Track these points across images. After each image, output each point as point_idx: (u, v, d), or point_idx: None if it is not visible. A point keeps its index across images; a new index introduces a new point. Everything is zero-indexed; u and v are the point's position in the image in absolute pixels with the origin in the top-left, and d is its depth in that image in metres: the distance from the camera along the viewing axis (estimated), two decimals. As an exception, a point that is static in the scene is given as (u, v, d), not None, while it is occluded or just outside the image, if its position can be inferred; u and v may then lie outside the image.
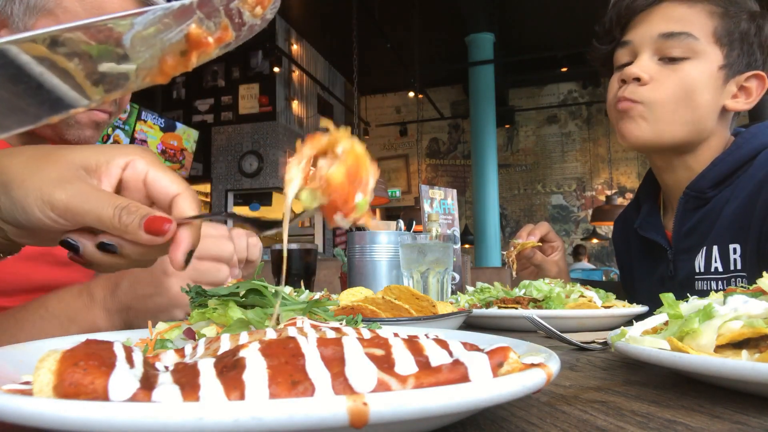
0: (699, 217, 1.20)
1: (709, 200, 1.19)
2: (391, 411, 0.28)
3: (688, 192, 1.21)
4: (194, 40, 0.46)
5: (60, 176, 0.52)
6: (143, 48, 0.44)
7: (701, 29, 1.17)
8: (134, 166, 0.56)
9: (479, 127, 9.39)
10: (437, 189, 1.81)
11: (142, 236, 0.51)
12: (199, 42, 0.46)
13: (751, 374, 0.42)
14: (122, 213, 0.51)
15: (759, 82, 1.19)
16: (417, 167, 11.38)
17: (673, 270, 1.26)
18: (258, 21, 0.48)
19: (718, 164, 1.18)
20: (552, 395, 0.49)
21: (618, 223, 1.58)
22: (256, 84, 9.00)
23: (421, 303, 0.94)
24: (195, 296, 0.59)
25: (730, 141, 1.23)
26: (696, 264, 1.19)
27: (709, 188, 1.19)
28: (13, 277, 1.10)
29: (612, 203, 8.46)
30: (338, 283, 2.72)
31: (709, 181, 1.19)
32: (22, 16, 1.04)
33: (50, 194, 0.50)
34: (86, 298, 0.85)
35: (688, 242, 1.22)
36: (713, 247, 1.15)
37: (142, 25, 0.43)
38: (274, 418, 0.27)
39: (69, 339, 0.56)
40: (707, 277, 1.17)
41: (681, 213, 1.24)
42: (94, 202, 0.51)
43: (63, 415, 0.27)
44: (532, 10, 8.99)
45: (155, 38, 0.44)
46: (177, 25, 0.44)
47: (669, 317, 0.56)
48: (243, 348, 0.34)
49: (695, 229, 1.21)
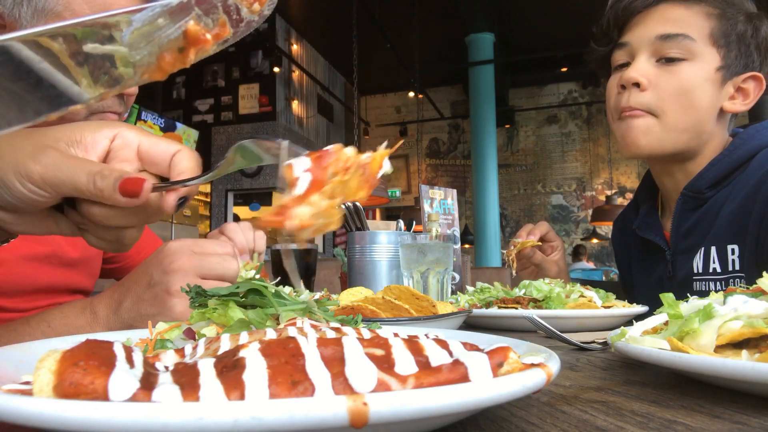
0: (697, 218, 1.20)
1: (707, 200, 1.19)
2: (391, 411, 0.28)
3: (686, 192, 1.21)
4: (192, 36, 0.46)
5: (35, 148, 0.52)
6: (141, 44, 0.44)
7: (698, 31, 1.17)
8: (123, 136, 0.56)
9: (479, 127, 9.39)
10: (437, 189, 1.81)
11: (119, 199, 0.51)
12: (197, 39, 0.46)
13: (751, 374, 0.42)
14: (96, 178, 0.51)
15: (756, 83, 1.18)
16: (417, 167, 11.38)
17: (672, 270, 1.26)
18: (255, 17, 0.48)
19: (716, 165, 1.18)
20: (552, 395, 0.49)
21: (617, 223, 1.59)
22: (256, 84, 9.01)
23: (421, 303, 0.94)
24: (195, 296, 0.59)
25: (728, 142, 1.23)
26: (694, 265, 1.19)
27: (706, 189, 1.19)
28: (18, 278, 1.10)
29: (612, 203, 8.46)
30: (338, 283, 2.72)
31: (707, 182, 1.19)
32: (30, 19, 1.04)
33: (25, 166, 0.51)
34: (89, 316, 0.84)
35: (687, 243, 1.22)
36: (711, 248, 1.15)
37: (140, 21, 0.43)
38: (274, 418, 0.27)
39: (69, 339, 0.56)
40: (705, 277, 1.17)
41: (679, 213, 1.24)
42: (67, 170, 0.51)
43: (63, 415, 0.27)
44: (532, 10, 8.99)
45: (153, 35, 0.44)
46: (175, 22, 0.45)
47: (669, 317, 0.56)
48: (243, 348, 0.34)
49: (693, 230, 1.21)
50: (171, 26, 0.45)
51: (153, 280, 0.82)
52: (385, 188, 5.23)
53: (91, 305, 0.86)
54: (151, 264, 0.84)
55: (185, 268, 0.82)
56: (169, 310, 0.80)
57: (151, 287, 0.82)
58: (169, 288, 0.81)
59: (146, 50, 0.44)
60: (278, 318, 0.58)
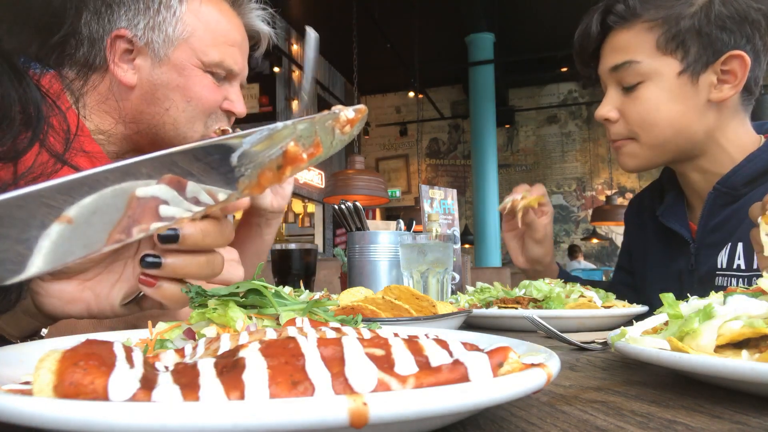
0: (728, 214, 1.17)
1: (741, 197, 1.16)
2: (391, 411, 0.28)
3: (719, 188, 1.18)
4: (291, 156, 0.49)
5: None
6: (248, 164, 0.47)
7: (643, 49, 1.16)
8: None
9: (479, 127, 9.40)
10: (437, 189, 1.81)
11: None
12: (295, 158, 0.49)
13: (751, 374, 0.42)
14: None
15: (739, 61, 1.13)
16: (417, 167, 11.39)
17: (694, 264, 1.24)
18: (346, 137, 0.52)
19: (753, 160, 1.15)
20: (552, 395, 0.49)
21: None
22: (256, 84, 9.00)
23: (421, 303, 0.94)
24: (195, 296, 0.59)
25: (758, 138, 1.20)
26: (719, 260, 1.16)
27: (741, 185, 1.15)
28: None
29: (612, 203, 8.46)
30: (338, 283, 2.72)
31: (743, 178, 1.15)
32: (162, 44, 1.09)
33: None
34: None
35: (714, 238, 1.20)
36: (738, 244, 1.13)
37: (249, 144, 0.46)
38: (274, 418, 0.27)
39: (69, 339, 0.56)
40: (729, 273, 1.14)
41: (709, 208, 1.20)
42: None
43: (63, 415, 0.27)
44: (532, 10, 8.99)
45: (259, 155, 0.47)
46: (278, 143, 0.48)
47: (669, 317, 0.56)
48: (243, 348, 0.34)
49: (722, 226, 1.18)
50: (274, 146, 0.48)
51: None
52: (385, 188, 5.23)
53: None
54: None
55: None
56: (174, 311, 0.80)
57: None
58: None
59: (251, 169, 0.47)
60: (278, 318, 0.58)
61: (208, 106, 1.16)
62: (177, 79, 1.11)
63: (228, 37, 1.16)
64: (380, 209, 10.62)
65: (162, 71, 1.10)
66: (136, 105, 1.12)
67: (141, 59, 1.09)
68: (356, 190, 4.83)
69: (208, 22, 1.13)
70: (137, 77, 1.10)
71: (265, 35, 1.29)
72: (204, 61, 1.13)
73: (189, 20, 1.11)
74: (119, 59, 1.08)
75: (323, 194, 6.63)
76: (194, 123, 1.16)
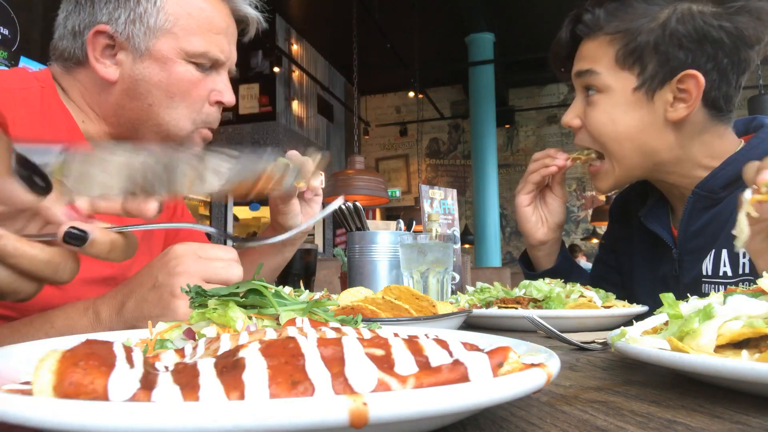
0: (708, 218, 1.17)
1: (720, 201, 1.16)
2: (391, 411, 0.28)
3: (698, 191, 1.18)
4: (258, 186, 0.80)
5: None
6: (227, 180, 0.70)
7: (604, 61, 1.17)
8: None
9: (479, 127, 9.39)
10: (437, 189, 1.81)
11: None
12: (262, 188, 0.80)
13: (751, 374, 0.42)
14: None
15: (694, 80, 1.10)
16: (417, 167, 11.39)
17: (678, 270, 1.24)
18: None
19: (731, 164, 1.14)
20: (552, 395, 0.49)
21: (618, 200, 1.53)
22: (256, 84, 9.00)
23: (421, 303, 0.94)
24: (195, 296, 0.59)
25: (738, 143, 1.20)
26: (704, 267, 1.16)
27: (720, 188, 1.15)
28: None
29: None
30: (338, 283, 2.72)
31: (721, 181, 1.15)
32: (143, 37, 1.07)
33: None
34: (92, 317, 0.85)
35: (696, 243, 1.20)
36: (722, 251, 1.12)
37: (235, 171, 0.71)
38: (274, 418, 0.27)
39: (69, 339, 0.56)
40: (715, 280, 1.14)
41: (689, 212, 1.20)
42: None
43: (63, 415, 0.27)
44: (532, 10, 8.99)
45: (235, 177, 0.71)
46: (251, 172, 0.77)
47: (669, 317, 0.56)
48: (243, 348, 0.34)
49: (704, 230, 1.18)
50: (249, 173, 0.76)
51: (158, 282, 0.83)
52: (385, 188, 5.23)
53: (93, 306, 0.86)
54: (156, 266, 0.85)
55: (190, 272, 0.82)
56: (173, 312, 0.81)
57: (156, 289, 0.82)
58: (173, 290, 0.81)
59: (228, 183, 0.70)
60: (278, 318, 0.58)
61: (192, 102, 1.13)
62: (159, 73, 1.08)
63: (213, 24, 1.12)
64: (380, 209, 10.62)
65: (144, 65, 1.08)
66: (118, 100, 1.10)
67: (122, 54, 1.07)
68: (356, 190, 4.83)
69: (191, 9, 1.09)
70: (119, 72, 1.08)
71: (254, 19, 1.25)
72: (188, 51, 1.09)
73: (171, 9, 1.08)
74: (100, 54, 1.07)
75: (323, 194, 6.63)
76: (179, 120, 1.12)
